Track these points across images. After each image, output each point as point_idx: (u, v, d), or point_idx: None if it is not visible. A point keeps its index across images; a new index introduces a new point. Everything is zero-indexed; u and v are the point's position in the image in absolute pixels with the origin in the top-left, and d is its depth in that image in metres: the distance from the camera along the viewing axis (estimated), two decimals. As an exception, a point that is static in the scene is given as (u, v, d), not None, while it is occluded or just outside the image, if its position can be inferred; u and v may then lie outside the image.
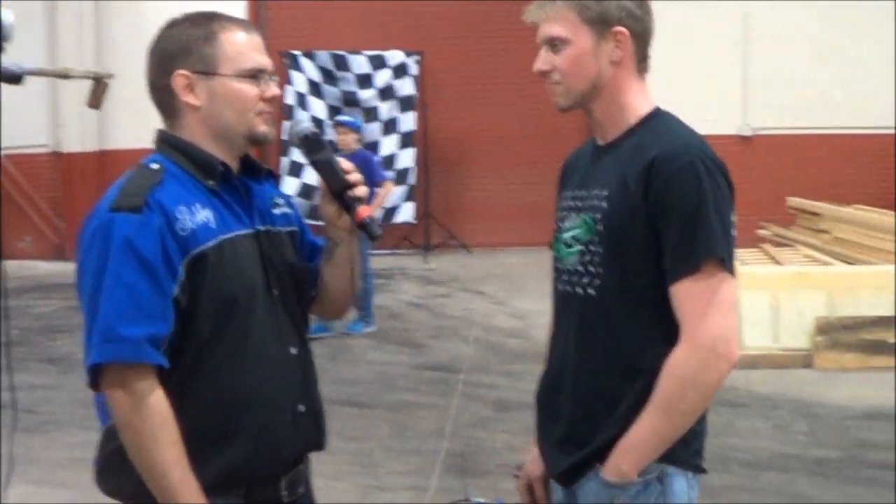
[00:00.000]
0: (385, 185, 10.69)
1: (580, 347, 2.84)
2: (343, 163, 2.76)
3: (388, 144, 15.02)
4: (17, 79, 3.94)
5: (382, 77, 15.07)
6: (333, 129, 10.93)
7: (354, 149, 10.31)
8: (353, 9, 15.73)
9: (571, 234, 2.86)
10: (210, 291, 2.54)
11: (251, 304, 2.62)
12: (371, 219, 2.75)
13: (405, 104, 15.17)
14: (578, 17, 2.78)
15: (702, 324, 2.66)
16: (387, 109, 15.07)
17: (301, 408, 2.73)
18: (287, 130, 2.90)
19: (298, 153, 14.47)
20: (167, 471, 2.45)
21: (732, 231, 2.76)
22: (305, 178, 14.19)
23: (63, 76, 5.81)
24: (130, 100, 10.23)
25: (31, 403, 7.75)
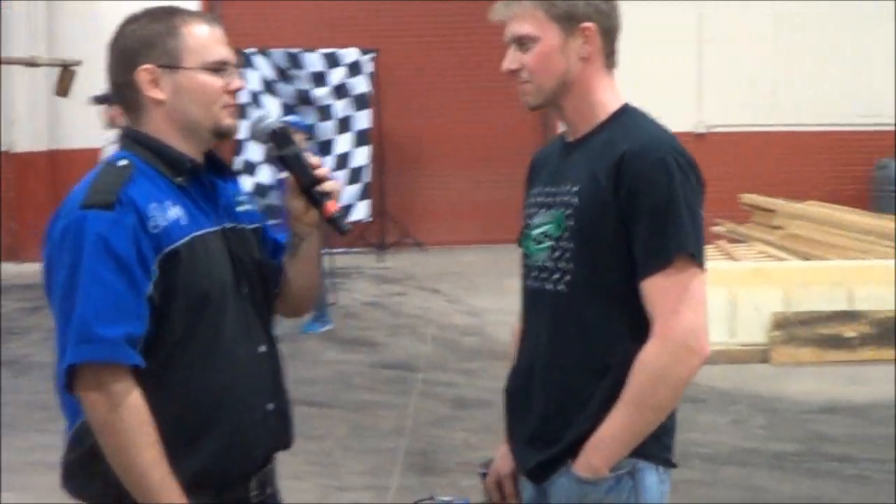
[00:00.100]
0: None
1: (550, 344, 2.83)
2: (311, 158, 2.74)
3: (343, 142, 14.94)
4: None
5: (337, 75, 14.98)
6: None
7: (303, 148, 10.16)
8: (307, 6, 15.65)
9: (541, 231, 2.86)
10: (182, 289, 2.50)
11: (222, 302, 2.58)
12: (340, 214, 2.73)
13: (360, 102, 15.08)
14: (545, 15, 2.77)
15: (673, 319, 2.66)
16: (341, 107, 14.98)
17: (270, 406, 2.71)
18: (249, 127, 2.85)
19: (254, 151, 14.46)
20: (147, 471, 2.41)
21: (703, 226, 2.76)
22: (259, 178, 14.09)
23: (31, 64, 5.74)
24: (82, 99, 10.15)
25: (-16, 406, 7.64)
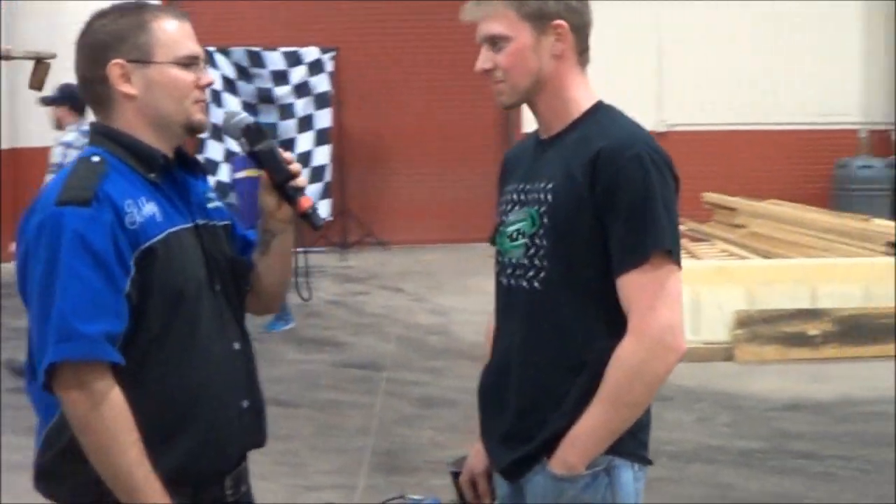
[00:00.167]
0: None
1: (525, 341, 2.82)
2: (284, 153, 2.72)
3: (304, 141, 14.88)
4: None
5: (298, 74, 14.92)
6: None
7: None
8: (268, 5, 15.56)
9: (516, 228, 2.85)
10: (159, 286, 2.48)
11: (198, 299, 2.56)
12: (314, 209, 2.73)
13: (321, 101, 15.03)
14: (517, 14, 2.77)
15: (650, 316, 2.66)
16: (302, 106, 14.93)
17: (245, 404, 2.69)
18: (222, 122, 2.83)
19: (214, 149, 14.36)
20: (130, 471, 2.39)
21: (678, 223, 2.77)
22: (220, 176, 14.01)
23: (4, 57, 5.64)
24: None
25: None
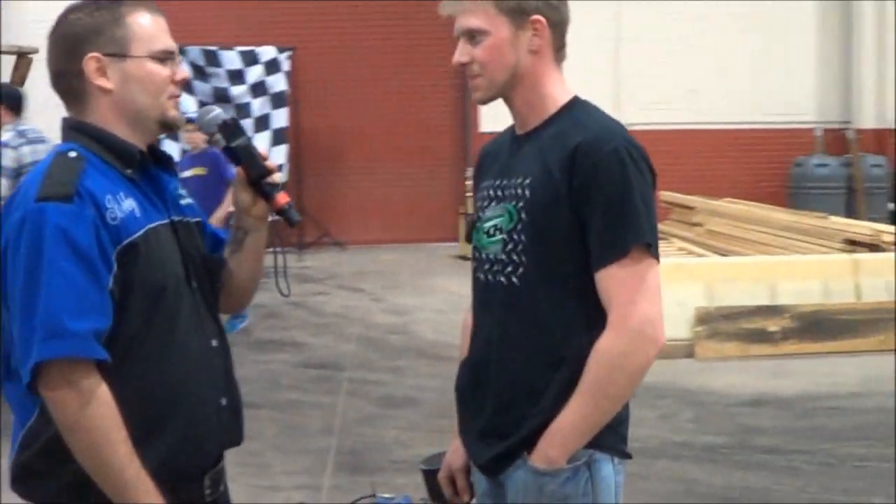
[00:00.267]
0: None
1: (503, 337, 2.81)
2: (260, 149, 2.70)
3: (261, 141, 14.77)
4: None
5: (254, 73, 14.85)
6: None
7: (203, 147, 9.85)
8: (224, 4, 15.47)
9: (493, 223, 2.84)
10: (140, 283, 2.44)
11: (177, 296, 2.53)
12: (290, 205, 2.71)
13: (277, 100, 14.96)
14: (495, 8, 2.77)
15: (630, 309, 2.68)
16: (259, 106, 14.85)
17: (223, 401, 2.66)
18: (196, 118, 2.79)
19: (170, 148, 14.27)
20: (122, 469, 2.35)
21: (656, 217, 2.79)
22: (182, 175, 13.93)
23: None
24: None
25: None
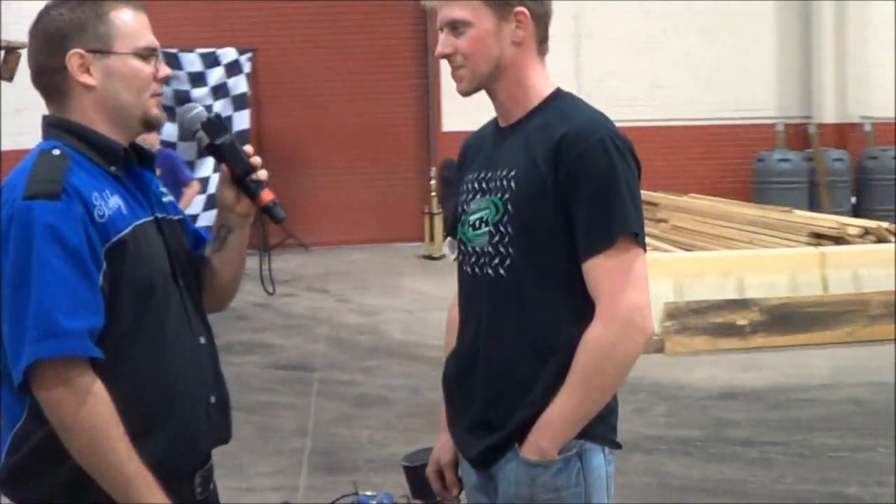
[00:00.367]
0: (192, 186, 10.48)
1: (491, 329, 2.80)
2: (245, 146, 2.68)
3: (224, 142, 14.73)
4: None
5: (215, 75, 14.75)
6: None
7: (159, 149, 9.86)
8: (184, 6, 15.37)
9: (478, 216, 2.83)
10: (129, 280, 2.41)
11: (166, 293, 2.51)
12: (275, 202, 2.68)
13: (239, 102, 14.86)
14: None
15: (619, 298, 2.65)
16: (220, 108, 14.71)
17: (213, 399, 2.64)
18: (178, 117, 2.76)
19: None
20: (123, 466, 2.32)
21: (642, 207, 2.77)
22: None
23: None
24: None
25: None
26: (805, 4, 15.77)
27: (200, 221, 14.05)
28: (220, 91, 14.75)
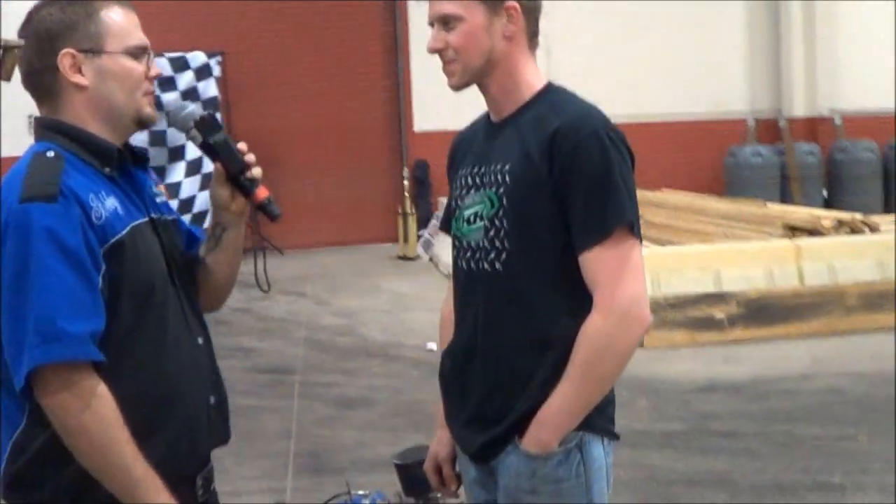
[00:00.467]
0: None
1: (489, 323, 2.81)
2: (239, 144, 2.66)
3: (194, 147, 14.51)
4: None
5: (185, 79, 14.69)
6: None
7: None
8: (152, 9, 15.25)
9: (473, 211, 2.84)
10: (128, 282, 2.40)
11: (164, 295, 2.49)
12: (269, 199, 2.66)
13: (209, 106, 14.77)
14: None
15: (616, 289, 2.67)
16: (191, 112, 14.69)
17: (212, 400, 2.63)
18: (170, 115, 2.74)
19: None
20: (130, 468, 2.31)
21: (636, 198, 2.80)
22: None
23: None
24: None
25: None
26: (773, 3, 15.89)
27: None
28: (191, 95, 14.66)
